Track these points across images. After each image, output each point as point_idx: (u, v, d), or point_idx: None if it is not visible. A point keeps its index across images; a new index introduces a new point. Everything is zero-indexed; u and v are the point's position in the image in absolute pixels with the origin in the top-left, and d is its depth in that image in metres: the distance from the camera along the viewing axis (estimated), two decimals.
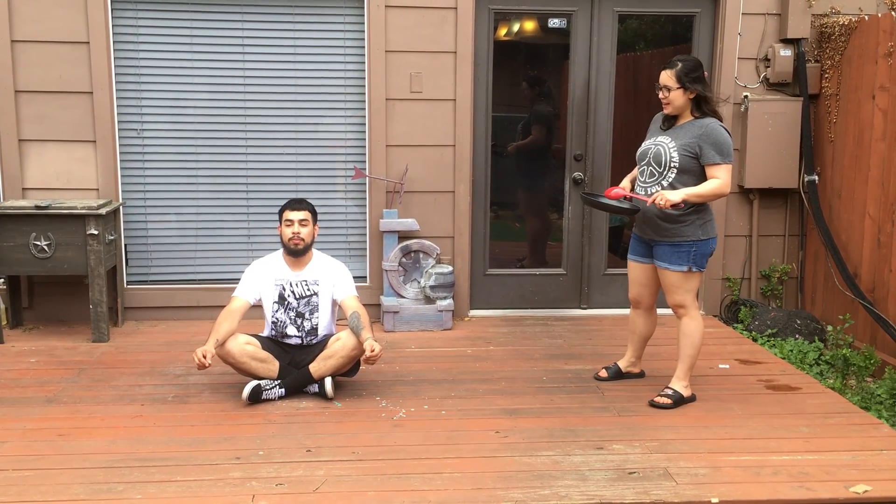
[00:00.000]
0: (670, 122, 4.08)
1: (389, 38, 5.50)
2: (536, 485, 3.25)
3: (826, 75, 5.79)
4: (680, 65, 3.93)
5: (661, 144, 4.01)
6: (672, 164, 3.96)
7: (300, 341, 4.27)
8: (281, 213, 4.32)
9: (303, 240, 4.24)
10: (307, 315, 4.27)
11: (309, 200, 4.41)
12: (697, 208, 4.01)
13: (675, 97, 3.95)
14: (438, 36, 5.54)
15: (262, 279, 4.29)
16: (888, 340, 5.05)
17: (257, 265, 4.36)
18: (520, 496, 3.15)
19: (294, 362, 4.22)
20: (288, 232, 4.24)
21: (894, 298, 5.04)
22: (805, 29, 5.72)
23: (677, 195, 3.86)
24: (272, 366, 4.15)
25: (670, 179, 3.97)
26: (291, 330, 4.26)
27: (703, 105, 3.98)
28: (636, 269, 4.30)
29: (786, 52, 5.75)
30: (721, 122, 4.00)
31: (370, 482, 3.26)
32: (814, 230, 5.87)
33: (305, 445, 3.60)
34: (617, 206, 4.12)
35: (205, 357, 3.86)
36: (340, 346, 4.11)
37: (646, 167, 4.07)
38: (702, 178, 3.96)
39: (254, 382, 4.08)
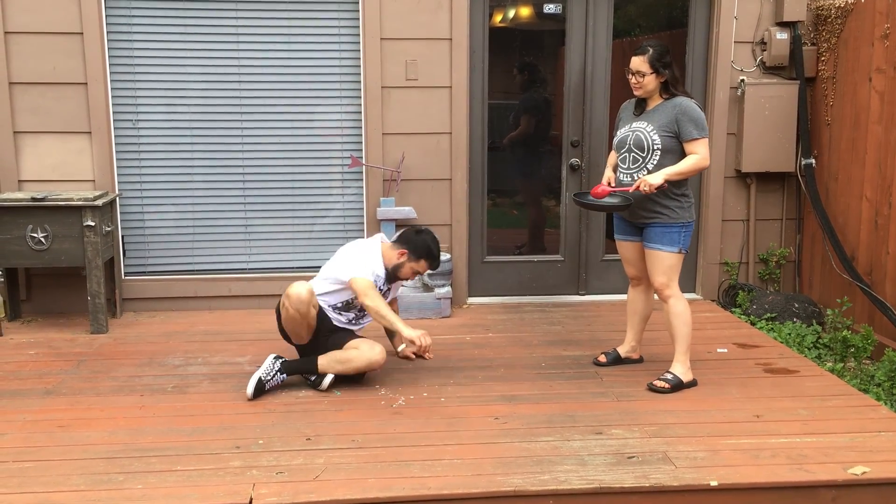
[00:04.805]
0: (641, 107, 4.18)
1: (384, 25, 5.48)
2: (536, 470, 3.26)
3: (822, 58, 5.78)
4: (651, 50, 4.04)
5: (639, 130, 4.09)
6: (655, 147, 4.04)
7: (347, 323, 4.26)
8: (428, 260, 4.24)
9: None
10: (366, 316, 4.29)
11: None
12: (685, 191, 4.11)
13: (647, 82, 4.06)
14: (433, 23, 5.52)
15: (372, 269, 4.19)
16: (886, 323, 5.05)
17: (369, 254, 4.23)
18: (519, 481, 3.16)
19: (318, 343, 4.17)
20: (412, 276, 4.26)
21: (892, 281, 5.05)
22: (801, 12, 5.71)
23: (658, 177, 3.94)
24: (307, 338, 4.14)
25: (655, 162, 4.05)
26: (350, 315, 4.24)
27: (670, 87, 4.09)
28: (628, 249, 4.35)
29: (782, 36, 5.73)
30: (692, 99, 4.11)
31: (370, 470, 3.27)
32: (811, 213, 5.87)
33: (305, 434, 3.61)
34: (609, 205, 4.14)
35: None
36: (356, 356, 4.07)
37: (627, 154, 4.14)
38: (683, 156, 4.05)
39: (256, 377, 4.02)
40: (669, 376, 4.17)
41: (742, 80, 5.79)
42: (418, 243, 4.22)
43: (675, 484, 3.16)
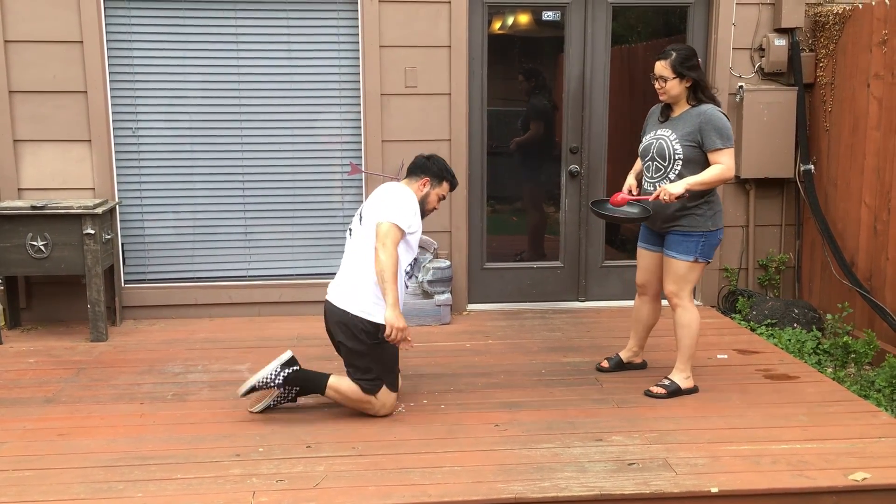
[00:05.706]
0: (667, 113, 4.08)
1: (383, 32, 5.49)
2: (536, 477, 3.25)
3: (821, 64, 5.80)
4: (674, 54, 3.93)
5: (662, 138, 4.00)
6: (677, 157, 3.95)
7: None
8: (450, 181, 4.05)
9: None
10: (416, 265, 4.12)
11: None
12: (708, 198, 4.00)
13: (671, 87, 3.96)
14: (432, 30, 5.53)
15: (408, 220, 3.86)
16: (886, 328, 5.05)
17: (407, 199, 3.90)
18: (520, 488, 3.16)
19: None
20: (437, 203, 4.05)
21: (891, 286, 5.05)
22: (799, 18, 5.72)
23: (679, 187, 3.85)
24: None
25: (677, 171, 3.95)
26: (408, 282, 4.01)
27: (699, 92, 3.98)
28: (645, 257, 4.30)
29: (780, 42, 5.75)
30: (719, 106, 4.01)
31: (370, 477, 3.27)
32: (810, 219, 5.88)
33: (305, 441, 3.61)
34: (626, 217, 4.09)
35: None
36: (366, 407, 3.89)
37: (650, 163, 4.06)
38: (707, 165, 3.95)
39: (250, 383, 3.89)
40: (667, 382, 4.16)
41: (740, 87, 5.80)
42: (433, 168, 4.00)
43: (675, 490, 3.16)
